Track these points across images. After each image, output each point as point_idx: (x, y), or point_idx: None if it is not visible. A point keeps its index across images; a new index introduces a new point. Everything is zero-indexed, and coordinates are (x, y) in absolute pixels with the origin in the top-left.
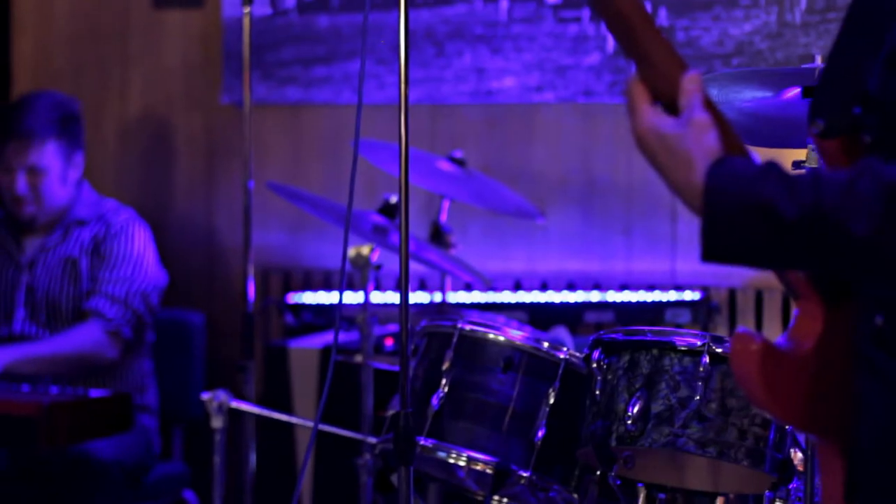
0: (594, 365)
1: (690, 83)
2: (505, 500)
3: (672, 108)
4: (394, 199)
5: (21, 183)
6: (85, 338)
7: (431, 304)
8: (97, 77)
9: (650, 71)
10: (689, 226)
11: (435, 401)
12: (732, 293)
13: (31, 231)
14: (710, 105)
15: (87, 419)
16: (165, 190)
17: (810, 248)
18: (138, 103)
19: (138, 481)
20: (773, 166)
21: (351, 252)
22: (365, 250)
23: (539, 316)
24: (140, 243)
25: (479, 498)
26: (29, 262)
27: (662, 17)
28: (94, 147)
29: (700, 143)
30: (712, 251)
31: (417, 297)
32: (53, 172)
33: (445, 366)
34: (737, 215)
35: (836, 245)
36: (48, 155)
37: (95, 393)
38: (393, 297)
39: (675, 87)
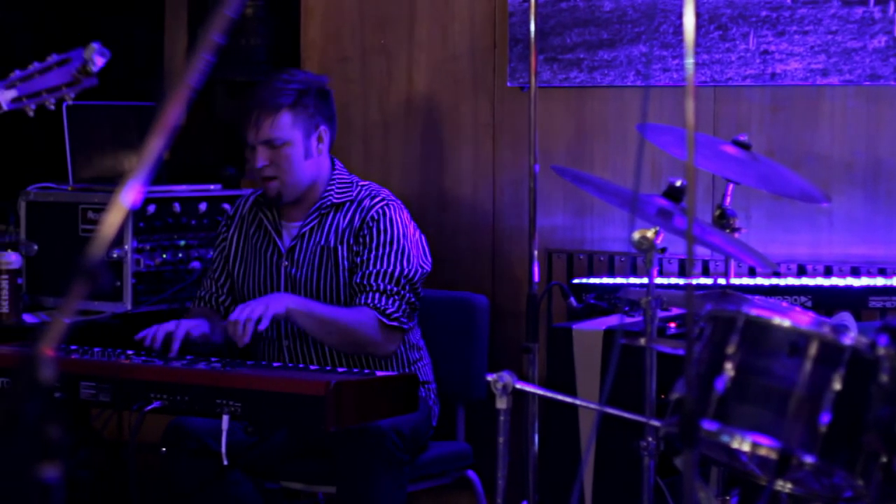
0: (881, 351)
1: None
2: (788, 485)
3: None
4: (679, 183)
5: (261, 157)
6: (367, 321)
7: (715, 287)
8: (384, 61)
9: None
10: None
11: (719, 385)
12: None
13: (288, 217)
14: None
15: (373, 399)
16: (451, 172)
17: None
18: (425, 87)
19: (418, 455)
20: None
21: (636, 235)
22: (650, 233)
23: (823, 301)
24: (400, 228)
25: (762, 482)
26: (288, 249)
27: None
28: (380, 129)
29: None
30: None
31: (701, 280)
32: (293, 145)
33: (730, 350)
34: None
35: None
36: (283, 126)
37: (382, 373)
38: (676, 281)
39: None
